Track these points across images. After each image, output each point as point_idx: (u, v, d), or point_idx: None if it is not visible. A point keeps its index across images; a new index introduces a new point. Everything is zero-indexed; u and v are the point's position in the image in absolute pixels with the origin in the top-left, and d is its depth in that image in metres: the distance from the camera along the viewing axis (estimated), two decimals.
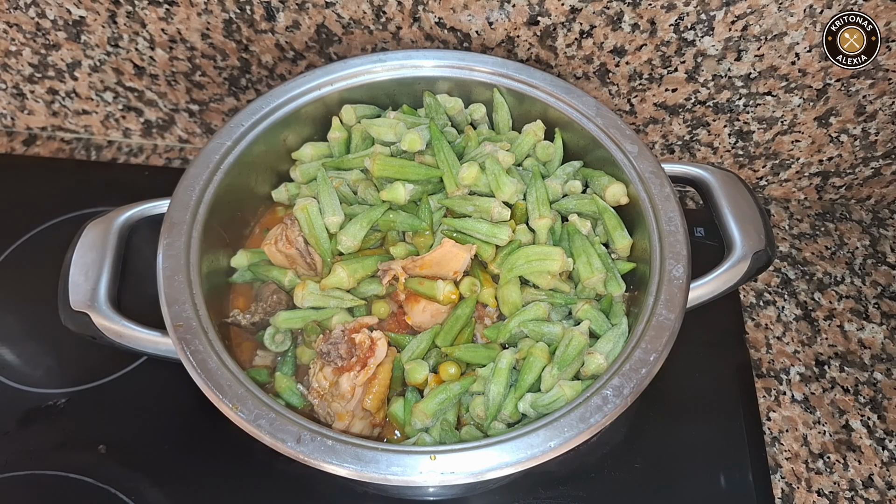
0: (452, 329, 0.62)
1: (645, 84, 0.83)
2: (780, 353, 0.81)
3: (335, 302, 0.63)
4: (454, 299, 0.62)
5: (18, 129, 1.03)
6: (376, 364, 0.59)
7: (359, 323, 0.61)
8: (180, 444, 0.72)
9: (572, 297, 0.64)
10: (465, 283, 0.63)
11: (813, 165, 0.90)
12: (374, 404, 0.59)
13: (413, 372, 0.61)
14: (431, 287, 0.62)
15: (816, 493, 0.71)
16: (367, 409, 0.58)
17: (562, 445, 0.50)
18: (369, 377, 0.58)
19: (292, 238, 0.66)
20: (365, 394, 0.58)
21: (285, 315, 0.64)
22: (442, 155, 0.68)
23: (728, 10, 0.72)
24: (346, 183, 0.70)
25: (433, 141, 0.69)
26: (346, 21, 0.80)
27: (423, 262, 0.62)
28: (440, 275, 0.62)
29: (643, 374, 0.53)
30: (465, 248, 0.62)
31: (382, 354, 0.59)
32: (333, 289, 0.63)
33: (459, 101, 0.74)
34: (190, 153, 1.01)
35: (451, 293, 0.62)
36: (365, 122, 0.72)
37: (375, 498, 0.69)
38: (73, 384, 0.76)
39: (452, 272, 0.62)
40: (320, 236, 0.65)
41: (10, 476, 0.69)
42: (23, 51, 0.89)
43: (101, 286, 0.59)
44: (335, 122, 0.73)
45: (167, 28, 0.83)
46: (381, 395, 0.59)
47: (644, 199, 0.64)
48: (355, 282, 0.64)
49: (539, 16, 0.76)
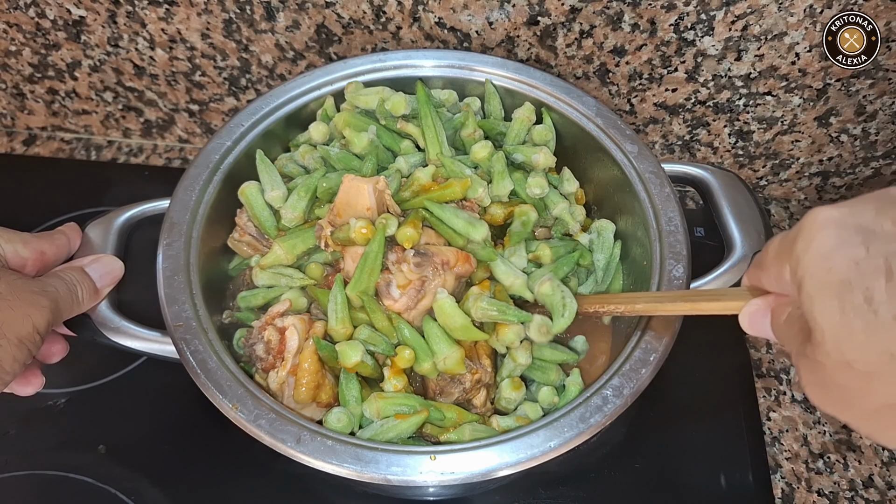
0: (361, 273, 0.57)
1: (645, 84, 0.83)
2: (780, 352, 0.81)
3: (285, 280, 0.62)
4: (368, 235, 0.58)
5: (18, 129, 1.03)
6: (293, 355, 0.56)
7: (269, 317, 0.58)
8: (180, 444, 0.72)
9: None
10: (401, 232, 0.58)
11: (813, 165, 0.90)
12: (307, 395, 0.55)
13: (345, 356, 0.56)
14: (347, 230, 0.58)
15: (816, 493, 0.71)
16: (300, 401, 0.56)
17: (562, 446, 0.50)
18: (291, 370, 0.56)
19: (242, 224, 0.66)
20: (295, 387, 0.56)
21: (242, 294, 0.63)
22: (429, 120, 0.66)
23: (728, 10, 0.72)
24: (293, 160, 0.69)
25: (419, 105, 0.67)
26: (346, 21, 0.80)
27: (336, 209, 0.59)
28: (357, 215, 0.59)
29: (643, 374, 0.53)
30: (367, 179, 0.59)
31: (295, 344, 0.56)
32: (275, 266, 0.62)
33: (453, 94, 0.73)
34: (190, 153, 1.01)
35: (362, 229, 0.57)
36: (351, 95, 0.71)
37: (375, 498, 0.69)
38: (73, 384, 0.76)
39: (365, 209, 0.58)
40: (261, 215, 0.64)
41: (10, 476, 0.69)
42: (23, 51, 0.89)
43: None
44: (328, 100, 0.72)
45: (167, 28, 0.83)
46: (312, 384, 0.56)
47: (644, 199, 0.64)
48: (295, 257, 0.62)
49: (539, 16, 0.76)
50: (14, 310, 0.49)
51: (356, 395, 0.56)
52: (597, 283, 0.67)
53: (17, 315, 0.49)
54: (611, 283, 0.67)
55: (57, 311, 0.53)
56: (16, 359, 0.49)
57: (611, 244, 0.68)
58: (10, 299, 0.50)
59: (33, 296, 0.51)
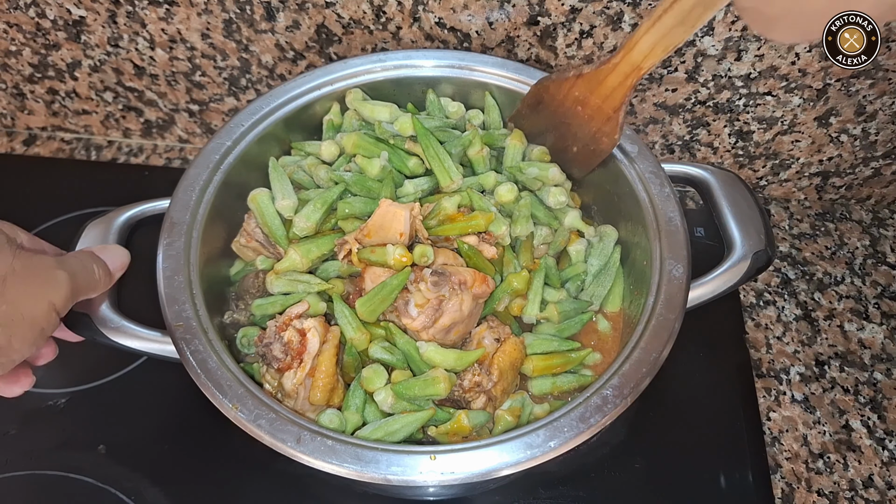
0: (375, 296, 0.58)
1: (645, 84, 0.83)
2: (780, 353, 0.81)
3: (303, 287, 0.62)
4: (406, 263, 0.59)
5: (18, 129, 1.03)
6: (312, 357, 0.56)
7: (287, 317, 0.58)
8: (180, 444, 0.72)
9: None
10: (418, 250, 0.59)
11: (813, 165, 0.90)
12: (322, 398, 0.56)
13: (369, 381, 0.57)
14: (382, 254, 0.59)
15: (816, 493, 0.71)
16: (314, 403, 0.56)
17: (562, 446, 0.50)
18: (309, 371, 0.56)
19: (250, 230, 0.66)
20: (311, 388, 0.56)
21: (258, 302, 0.63)
22: (431, 150, 0.67)
23: (728, 9, 0.72)
24: (301, 169, 0.69)
25: (419, 136, 0.68)
26: (346, 21, 0.80)
27: (367, 229, 0.60)
28: (387, 239, 0.60)
29: (643, 374, 0.53)
30: (404, 205, 0.60)
31: (316, 346, 0.56)
32: (291, 272, 0.62)
33: (462, 107, 0.74)
34: (190, 153, 1.01)
35: (402, 256, 0.59)
36: (356, 103, 0.71)
37: (375, 498, 0.69)
38: (73, 384, 0.76)
39: (398, 234, 0.59)
40: (272, 223, 0.64)
41: (11, 476, 0.70)
42: (23, 51, 0.90)
43: None
44: (335, 106, 0.72)
45: (167, 28, 0.83)
46: (328, 386, 0.56)
47: (644, 199, 0.64)
48: (310, 262, 0.62)
49: (539, 16, 0.76)
50: (28, 287, 0.47)
51: (359, 403, 0.58)
52: (583, 289, 0.67)
53: (31, 293, 0.47)
54: (611, 288, 0.67)
55: (76, 287, 0.51)
56: (25, 338, 0.47)
57: (609, 251, 0.68)
58: (25, 276, 0.47)
59: (50, 271, 0.50)
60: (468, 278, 0.58)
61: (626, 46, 0.57)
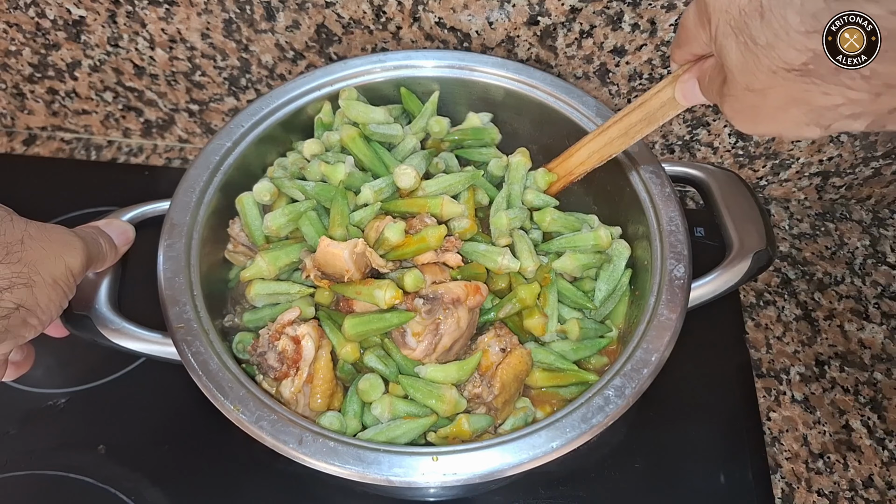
0: (365, 326, 0.57)
1: (645, 84, 0.83)
2: (780, 353, 0.81)
3: (284, 297, 0.62)
4: (399, 301, 0.57)
5: (18, 129, 1.03)
6: (308, 364, 0.56)
7: (280, 325, 0.57)
8: (180, 444, 0.72)
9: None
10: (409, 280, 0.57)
11: (813, 165, 0.90)
12: (323, 403, 0.56)
13: (365, 394, 0.57)
14: (370, 295, 0.57)
15: (816, 493, 0.71)
16: (316, 409, 0.56)
17: (564, 446, 0.50)
18: (307, 378, 0.55)
19: (234, 234, 0.66)
20: (311, 395, 0.56)
21: (247, 316, 0.63)
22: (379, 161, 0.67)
23: None
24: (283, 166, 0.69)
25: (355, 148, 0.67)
26: (346, 21, 0.80)
27: (317, 262, 0.58)
28: (336, 274, 0.58)
29: (645, 374, 0.53)
30: (344, 244, 0.57)
31: (311, 353, 0.56)
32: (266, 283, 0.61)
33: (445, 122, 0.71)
34: (190, 153, 1.01)
35: (394, 298, 0.56)
36: (346, 102, 0.69)
37: (375, 498, 0.69)
38: (73, 384, 0.76)
39: (344, 271, 0.57)
40: (252, 224, 0.65)
41: (11, 476, 0.69)
42: (23, 51, 0.89)
43: (102, 288, 0.59)
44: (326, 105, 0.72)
45: (167, 28, 0.83)
46: (328, 392, 0.56)
47: (644, 199, 0.64)
48: (277, 269, 0.61)
49: (539, 16, 0.76)
50: (46, 249, 0.48)
51: (357, 409, 0.58)
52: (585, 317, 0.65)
53: (49, 254, 0.48)
54: (614, 309, 0.66)
55: (88, 255, 0.52)
56: (51, 299, 0.48)
57: (619, 273, 0.65)
58: (41, 238, 0.49)
59: (65, 236, 0.51)
60: (460, 294, 0.57)
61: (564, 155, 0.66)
